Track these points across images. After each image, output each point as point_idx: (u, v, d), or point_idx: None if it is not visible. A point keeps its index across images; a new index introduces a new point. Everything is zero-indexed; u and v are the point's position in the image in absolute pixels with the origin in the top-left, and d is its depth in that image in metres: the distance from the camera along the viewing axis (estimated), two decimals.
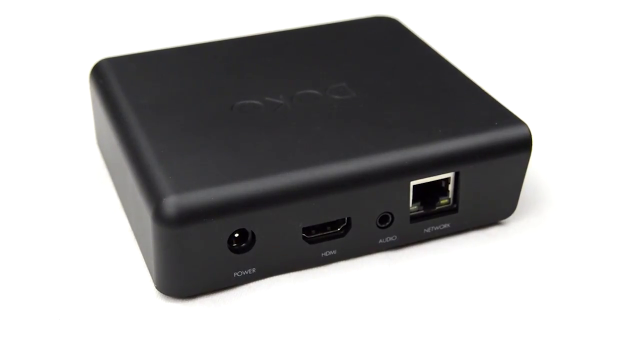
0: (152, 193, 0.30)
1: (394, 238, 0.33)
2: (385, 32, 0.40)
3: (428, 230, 0.33)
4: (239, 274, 0.31)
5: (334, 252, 0.32)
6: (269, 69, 0.37)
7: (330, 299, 0.31)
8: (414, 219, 0.33)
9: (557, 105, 0.44)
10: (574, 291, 0.31)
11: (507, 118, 0.33)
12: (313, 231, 0.32)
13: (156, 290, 0.31)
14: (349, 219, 0.32)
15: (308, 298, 0.31)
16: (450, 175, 0.32)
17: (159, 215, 0.29)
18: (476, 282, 0.32)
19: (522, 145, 0.33)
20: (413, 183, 0.32)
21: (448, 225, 0.33)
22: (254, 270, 0.31)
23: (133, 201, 0.32)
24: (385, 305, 0.31)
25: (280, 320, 0.30)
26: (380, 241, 0.32)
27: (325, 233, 0.32)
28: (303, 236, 0.31)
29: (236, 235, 0.30)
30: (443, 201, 0.33)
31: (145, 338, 0.29)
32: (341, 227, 0.32)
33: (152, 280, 0.32)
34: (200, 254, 0.30)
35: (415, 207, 0.33)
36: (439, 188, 0.33)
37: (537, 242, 0.33)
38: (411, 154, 0.31)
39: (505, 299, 0.31)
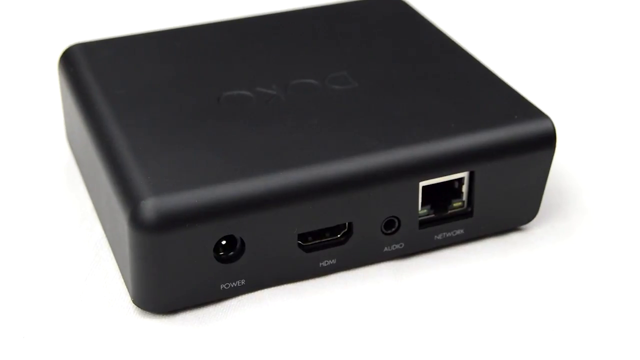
0: (129, 195, 0.30)
1: (400, 246, 0.33)
2: (391, 14, 0.40)
3: (439, 237, 0.33)
4: (227, 286, 0.31)
5: (334, 261, 0.32)
6: (260, 56, 0.37)
7: (329, 314, 0.31)
8: (424, 224, 0.33)
9: (584, 95, 0.44)
10: (605, 308, 0.31)
11: (528, 110, 0.33)
12: (310, 238, 0.32)
13: (133, 304, 0.31)
14: (350, 224, 0.32)
15: (304, 314, 0.31)
16: (464, 175, 0.32)
17: (136, 220, 0.29)
18: (493, 296, 0.31)
19: (545, 141, 0.33)
20: (422, 184, 0.32)
21: (462, 231, 0.33)
22: (243, 282, 0.31)
23: (107, 204, 0.32)
24: (391, 323, 0.30)
25: (273, 340, 0.30)
26: (386, 249, 0.32)
27: (323, 240, 0.32)
28: (299, 244, 0.31)
29: (223, 242, 0.30)
30: (456, 204, 0.33)
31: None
32: (341, 233, 0.32)
33: (128, 294, 0.31)
34: (183, 263, 0.30)
35: (425, 210, 0.33)
36: (452, 189, 0.33)
37: (563, 251, 0.33)
38: (420, 152, 0.31)
39: (526, 315, 0.31)
